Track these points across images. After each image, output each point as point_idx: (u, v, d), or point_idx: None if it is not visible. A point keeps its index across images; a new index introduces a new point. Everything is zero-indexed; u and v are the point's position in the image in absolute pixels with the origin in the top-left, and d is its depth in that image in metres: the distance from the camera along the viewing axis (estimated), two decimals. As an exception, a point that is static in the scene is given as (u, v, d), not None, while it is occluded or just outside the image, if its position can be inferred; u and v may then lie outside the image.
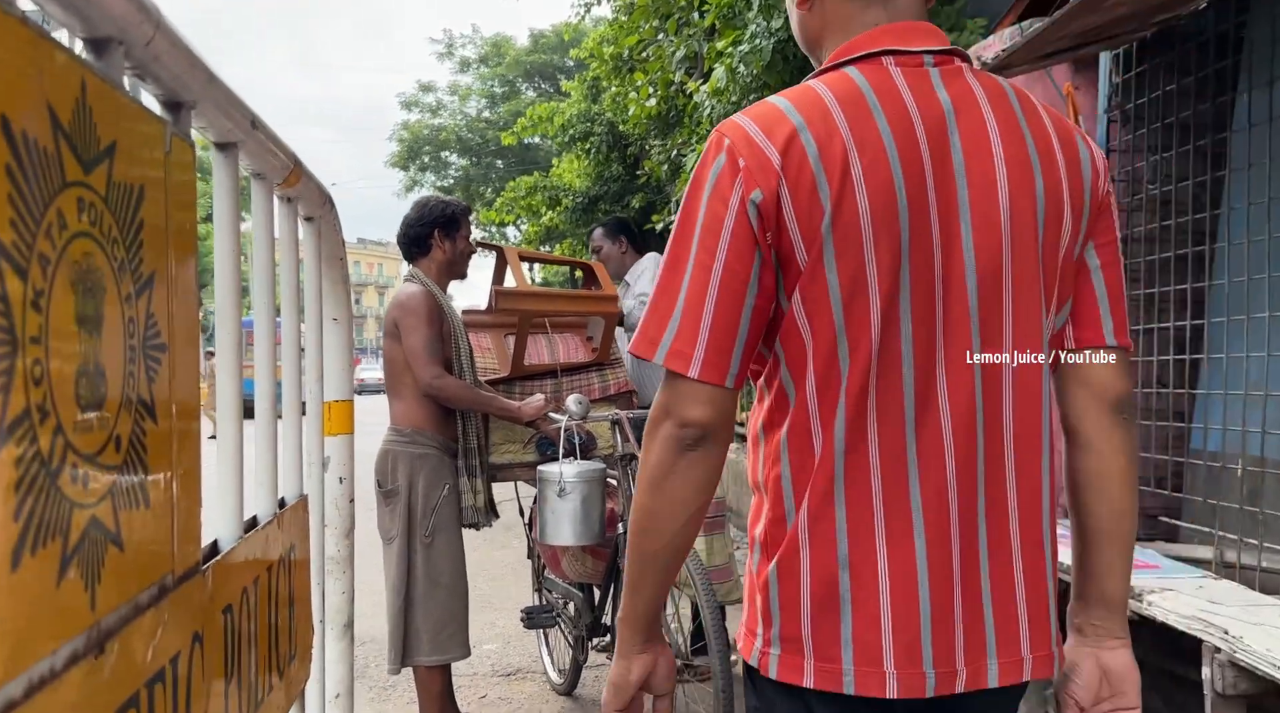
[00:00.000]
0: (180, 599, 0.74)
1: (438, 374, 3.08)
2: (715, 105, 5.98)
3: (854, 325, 1.07)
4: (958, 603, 1.09)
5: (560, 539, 3.07)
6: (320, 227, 1.41)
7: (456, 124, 34.35)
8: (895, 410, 1.09)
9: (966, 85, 1.14)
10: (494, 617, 5.13)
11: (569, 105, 18.48)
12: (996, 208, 1.11)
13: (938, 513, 1.09)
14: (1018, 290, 1.12)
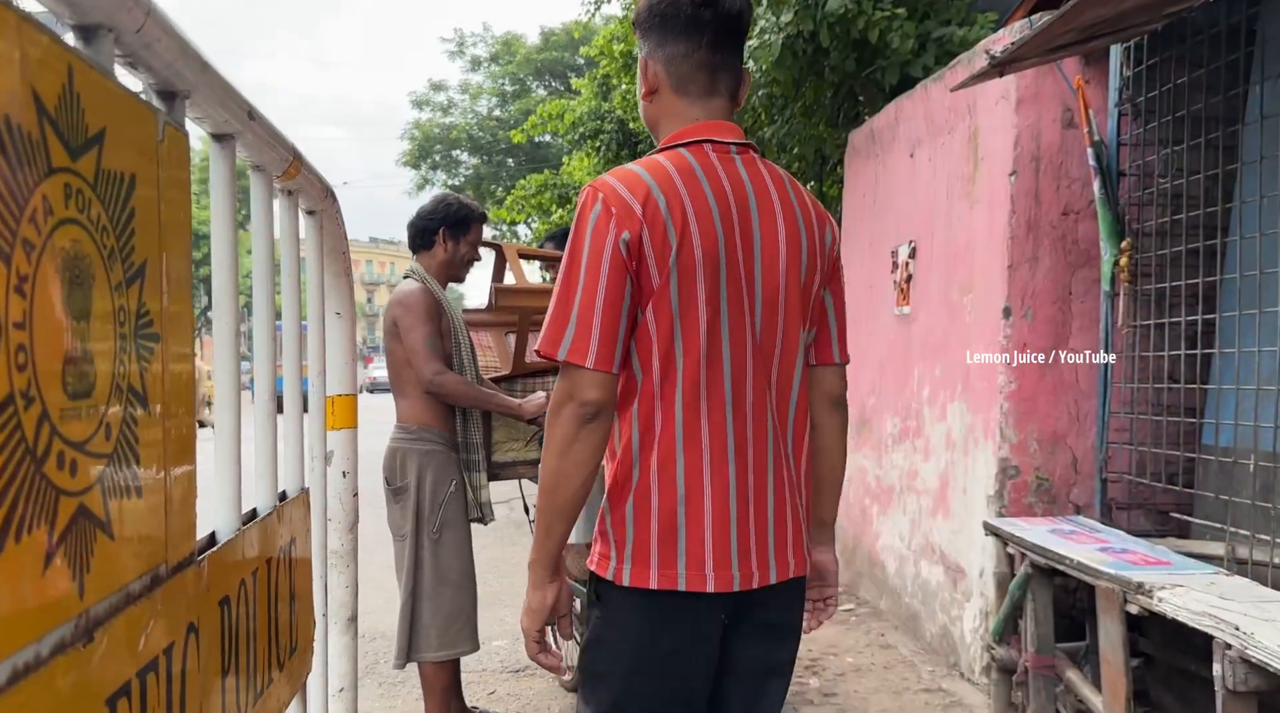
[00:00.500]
0: (174, 590, 0.74)
1: (438, 370, 3.07)
2: (724, 102, 5.97)
3: (687, 331, 1.51)
4: (753, 529, 1.57)
5: None
6: (322, 220, 1.41)
7: (467, 122, 34.37)
8: (719, 394, 1.54)
9: (759, 170, 1.63)
10: (504, 613, 5.13)
11: (579, 103, 18.45)
12: (777, 257, 1.59)
13: (742, 468, 1.56)
14: (788, 315, 1.62)
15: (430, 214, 3.24)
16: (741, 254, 1.55)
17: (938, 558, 4.24)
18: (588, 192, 1.50)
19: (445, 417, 3.18)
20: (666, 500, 1.52)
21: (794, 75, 5.59)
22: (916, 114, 4.60)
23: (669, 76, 1.63)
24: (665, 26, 1.62)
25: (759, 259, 1.58)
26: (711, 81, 1.63)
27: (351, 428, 1.59)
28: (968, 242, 4.07)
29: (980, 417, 3.89)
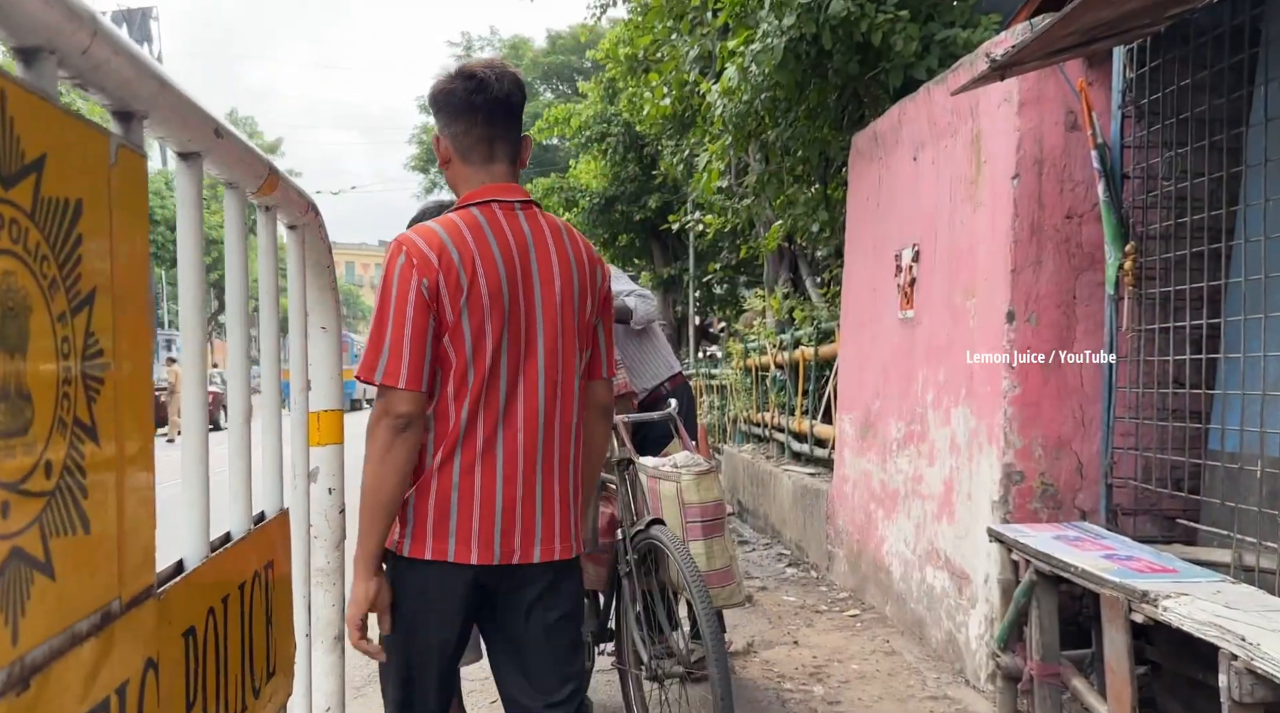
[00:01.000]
0: (130, 625, 0.72)
1: None
2: (727, 105, 5.93)
3: (477, 357, 1.87)
4: (519, 517, 1.93)
5: None
6: (304, 235, 1.39)
7: (475, 126, 34.40)
8: (494, 407, 1.90)
9: (539, 223, 2.01)
10: (507, 621, 5.11)
11: (585, 107, 18.47)
12: (554, 294, 1.98)
13: (512, 465, 1.92)
14: (565, 341, 2.00)
15: (416, 222, 3.23)
16: (523, 292, 1.93)
17: (943, 564, 4.21)
18: (393, 246, 1.83)
19: None
20: (443, 491, 1.86)
21: (796, 78, 5.56)
22: (919, 117, 4.57)
23: (455, 149, 2.01)
24: (447, 109, 2.00)
25: (538, 296, 1.98)
26: (490, 151, 2.01)
27: (337, 443, 1.57)
28: (971, 245, 4.04)
29: (984, 421, 3.86)
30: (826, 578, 5.72)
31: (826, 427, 6.40)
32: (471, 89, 1.97)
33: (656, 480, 3.10)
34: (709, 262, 16.64)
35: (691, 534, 2.99)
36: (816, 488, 6.03)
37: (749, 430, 9.13)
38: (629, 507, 3.12)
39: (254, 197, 1.14)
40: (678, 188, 15.85)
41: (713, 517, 3.01)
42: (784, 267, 9.23)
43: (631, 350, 4.30)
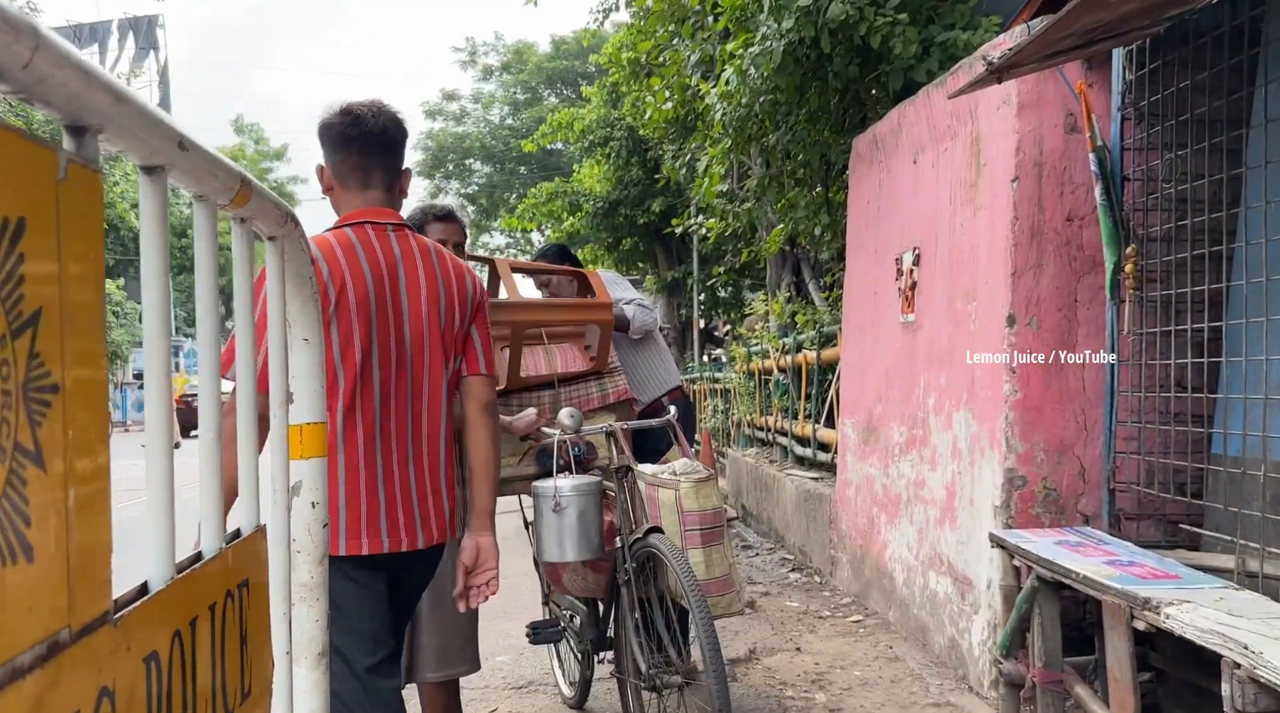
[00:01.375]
0: (81, 654, 0.70)
1: None
2: (726, 109, 5.91)
3: (346, 364, 2.11)
4: (399, 508, 2.20)
5: (559, 555, 3.02)
6: (284, 246, 1.37)
7: (480, 131, 34.59)
8: (370, 408, 2.15)
9: (409, 244, 2.28)
10: (509, 627, 5.09)
11: (589, 111, 18.48)
12: (420, 308, 2.24)
13: (388, 461, 2.18)
14: (431, 349, 2.26)
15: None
16: (390, 305, 2.16)
17: (945, 569, 4.18)
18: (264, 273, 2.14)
19: None
20: (331, 490, 2.02)
21: (796, 82, 5.54)
22: (919, 120, 4.55)
23: (335, 176, 2.29)
24: (328, 141, 2.27)
25: (406, 308, 2.23)
26: (365, 179, 2.28)
27: (320, 456, 1.54)
28: (971, 248, 4.01)
29: (986, 426, 3.83)
30: (830, 583, 5.69)
31: (829, 431, 6.37)
32: (348, 124, 2.26)
33: (655, 488, 3.08)
34: (713, 265, 16.63)
35: (690, 542, 2.97)
36: (819, 493, 6.00)
37: (752, 435, 9.11)
38: (628, 514, 3.10)
39: (226, 209, 1.12)
40: (681, 191, 15.83)
41: (711, 524, 2.99)
42: (787, 270, 9.21)
43: (631, 360, 4.28)
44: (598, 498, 3.08)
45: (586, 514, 3.01)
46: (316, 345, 1.54)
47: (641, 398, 4.34)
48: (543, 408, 3.66)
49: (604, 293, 3.82)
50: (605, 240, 19.23)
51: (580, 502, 2.99)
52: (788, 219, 6.35)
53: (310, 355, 1.53)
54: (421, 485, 2.26)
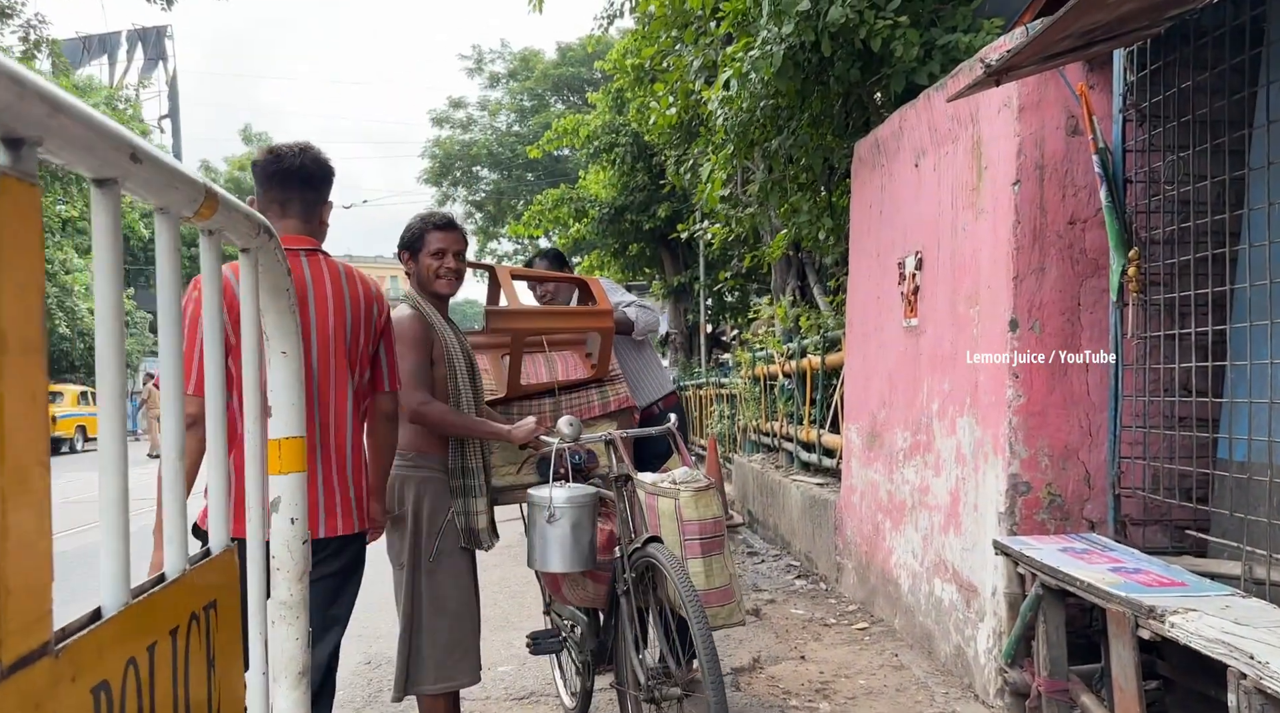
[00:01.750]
0: (15, 689, 0.67)
1: (422, 400, 3.02)
2: (727, 113, 5.89)
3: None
4: (321, 500, 2.56)
5: (550, 565, 2.99)
6: (256, 257, 1.34)
7: (487, 139, 34.65)
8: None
9: (320, 268, 2.59)
10: (511, 636, 5.06)
11: (594, 117, 18.48)
12: (327, 327, 2.57)
13: (314, 461, 2.54)
14: (337, 365, 2.60)
15: (399, 242, 3.22)
16: (303, 328, 2.26)
17: (950, 576, 4.13)
18: (193, 282, 2.25)
19: (443, 443, 3.13)
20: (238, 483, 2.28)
21: (797, 86, 5.51)
22: (920, 123, 4.51)
23: (260, 207, 2.56)
24: (256, 176, 2.62)
25: (314, 327, 2.54)
26: (282, 210, 2.61)
27: (300, 471, 1.52)
28: (974, 252, 3.97)
29: (990, 431, 3.79)
30: (835, 590, 5.65)
31: (835, 436, 6.33)
32: (269, 161, 2.60)
33: (655, 497, 3.04)
34: (719, 270, 16.60)
35: (690, 552, 2.93)
36: (825, 499, 5.96)
37: (759, 440, 9.06)
38: (627, 524, 3.07)
39: (191, 221, 1.09)
40: (686, 196, 15.81)
41: (712, 534, 2.95)
42: (791, 274, 9.17)
43: (632, 364, 4.26)
44: (592, 510, 3.04)
45: (580, 526, 2.98)
46: (295, 358, 1.52)
47: (645, 399, 4.31)
48: (543, 416, 3.63)
49: (604, 299, 3.79)
50: (611, 246, 19.21)
51: (574, 513, 2.96)
52: (791, 224, 6.31)
53: (289, 368, 1.51)
54: (328, 482, 2.58)
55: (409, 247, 3.20)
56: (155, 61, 40.83)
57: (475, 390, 3.23)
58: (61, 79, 25.70)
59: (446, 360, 3.12)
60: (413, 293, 3.18)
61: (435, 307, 3.19)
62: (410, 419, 3.03)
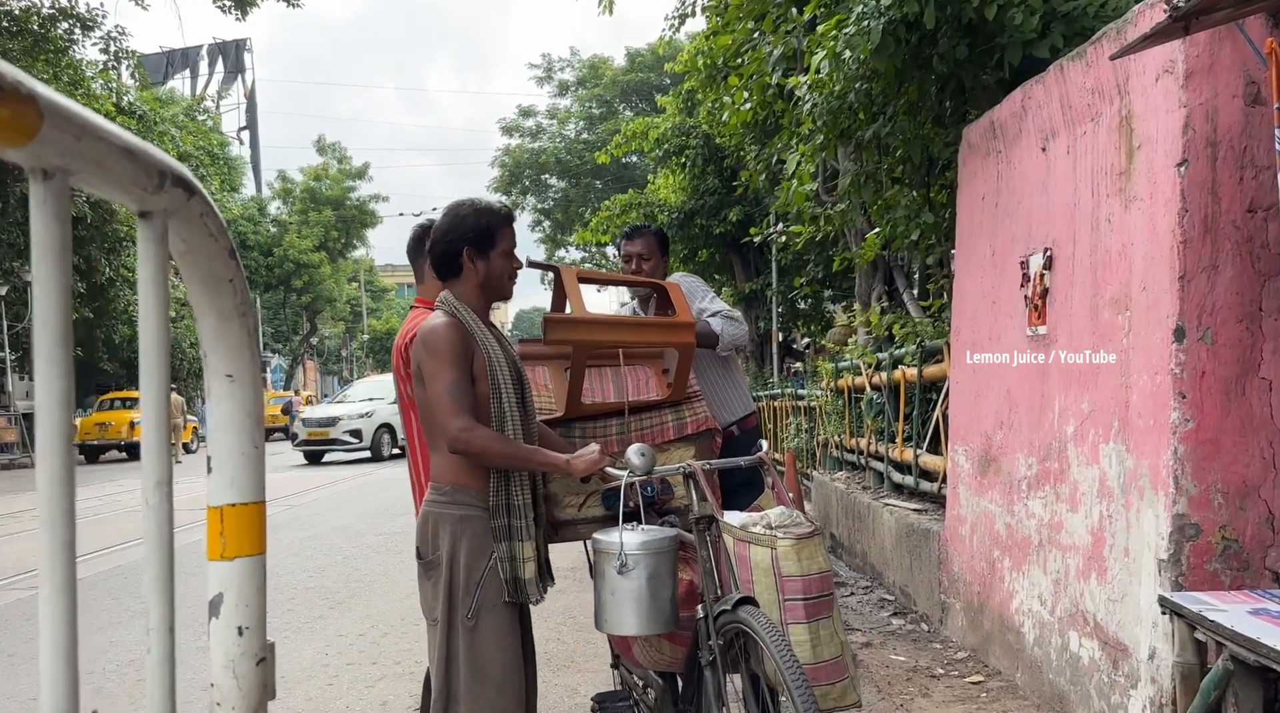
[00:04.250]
0: None
1: (465, 426, 2.51)
2: (817, 100, 5.31)
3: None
4: None
5: (623, 628, 2.46)
6: (164, 226, 0.84)
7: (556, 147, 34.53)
8: None
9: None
10: (575, 680, 4.54)
11: (664, 119, 18.00)
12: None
13: None
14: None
15: (449, 236, 2.67)
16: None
17: (1091, 630, 3.50)
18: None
19: (485, 473, 2.61)
20: None
21: (896, 66, 4.92)
22: (1050, 100, 3.90)
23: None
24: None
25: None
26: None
27: (255, 555, 1.01)
28: (1122, 248, 3.35)
29: (1146, 462, 3.16)
30: (940, 633, 5.02)
31: (934, 458, 5.70)
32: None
33: (746, 545, 2.49)
34: (793, 276, 15.97)
35: (792, 615, 2.38)
36: (925, 527, 5.33)
37: (841, 457, 8.44)
38: (712, 576, 2.53)
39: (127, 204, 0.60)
40: (759, 200, 15.23)
41: (818, 593, 2.39)
42: (878, 279, 8.54)
43: (714, 378, 3.72)
44: (672, 558, 2.51)
45: (658, 577, 2.45)
46: (249, 383, 1.01)
47: (727, 419, 3.77)
48: (608, 441, 3.11)
49: (685, 309, 3.24)
50: (681, 252, 18.68)
51: (651, 562, 2.43)
52: (885, 221, 5.71)
53: (237, 399, 1.00)
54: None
55: (478, 243, 2.67)
56: (235, 74, 41.55)
57: (525, 411, 2.70)
58: (142, 92, 26.10)
59: (490, 376, 2.60)
60: (450, 298, 2.67)
61: (478, 313, 2.68)
62: (450, 448, 2.53)
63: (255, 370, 1.01)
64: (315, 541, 9.18)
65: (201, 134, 29.75)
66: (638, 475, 2.54)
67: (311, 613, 6.17)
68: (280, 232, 39.97)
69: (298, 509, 11.80)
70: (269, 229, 40.09)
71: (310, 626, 5.83)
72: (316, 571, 7.63)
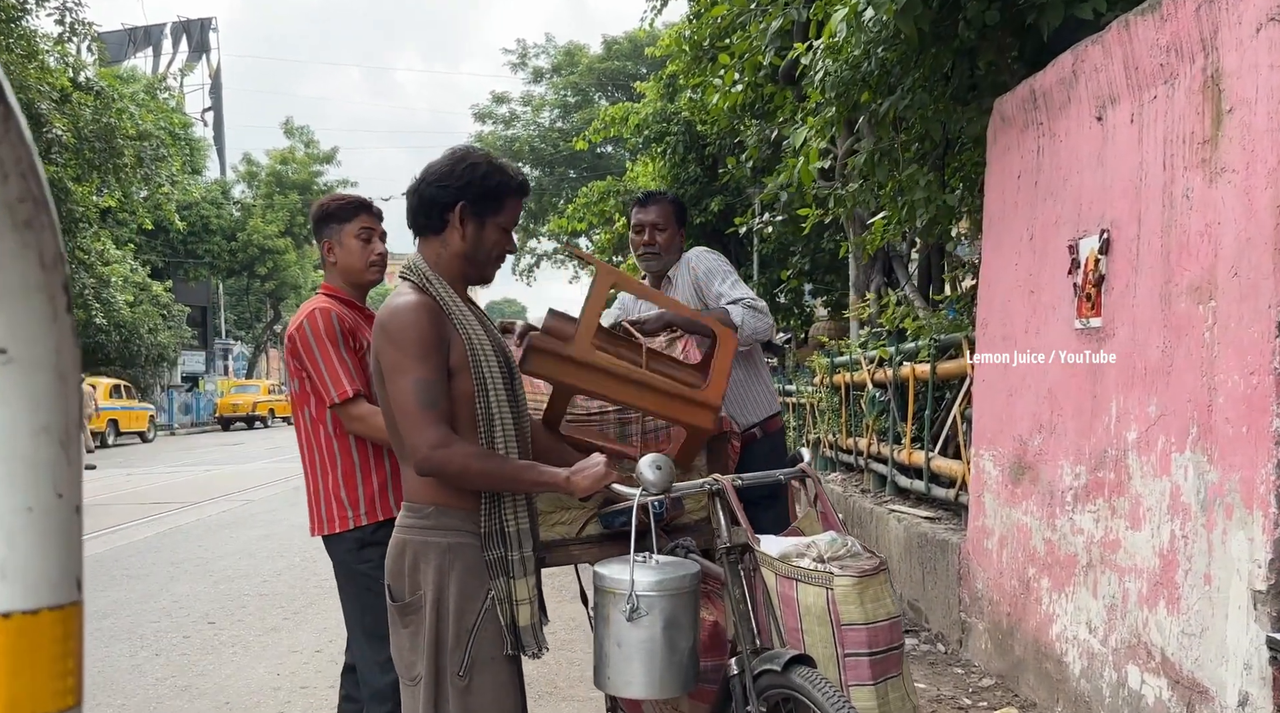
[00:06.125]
0: None
1: (437, 441, 1.97)
2: (830, 67, 4.83)
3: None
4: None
5: (630, 689, 1.97)
6: None
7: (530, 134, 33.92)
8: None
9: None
10: (562, 710, 4.04)
11: (644, 106, 17.48)
12: None
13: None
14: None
15: (444, 181, 2.10)
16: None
17: (1158, 666, 3.06)
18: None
19: (477, 491, 2.09)
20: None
21: (923, 29, 4.44)
22: (1109, 62, 3.43)
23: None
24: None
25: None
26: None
27: (72, 707, 0.51)
28: (1205, 227, 2.90)
29: (1237, 475, 2.71)
30: (960, 656, 4.57)
31: (948, 461, 5.25)
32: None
33: (792, 583, 1.99)
34: (775, 268, 15.54)
35: (854, 675, 1.89)
36: (941, 538, 4.88)
37: (836, 457, 7.99)
38: (749, 622, 2.04)
39: None
40: (741, 190, 14.79)
41: (887, 646, 1.91)
42: (877, 271, 8.09)
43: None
44: (694, 599, 2.02)
45: (677, 625, 1.95)
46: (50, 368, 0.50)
47: (748, 420, 3.29)
48: (607, 443, 2.61)
49: (721, 380, 2.50)
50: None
51: (668, 606, 1.94)
52: (899, 204, 5.24)
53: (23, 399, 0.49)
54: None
55: (479, 202, 2.12)
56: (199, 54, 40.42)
57: (516, 409, 2.18)
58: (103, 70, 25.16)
59: (473, 369, 2.06)
60: (421, 265, 2.13)
61: (455, 288, 2.15)
62: (419, 470, 2.01)
63: (48, 351, 0.50)
64: (271, 540, 8.61)
65: (163, 113, 28.78)
66: (653, 495, 2.04)
67: (264, 624, 5.62)
68: (244, 216, 38.97)
69: (253, 505, 11.19)
70: (232, 213, 39.07)
71: (262, 640, 5.28)
72: (272, 575, 7.07)
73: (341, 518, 2.76)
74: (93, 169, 22.06)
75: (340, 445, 2.79)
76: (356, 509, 2.75)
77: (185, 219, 32.18)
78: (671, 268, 3.46)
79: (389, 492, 2.79)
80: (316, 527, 2.84)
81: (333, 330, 2.75)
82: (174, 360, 34.12)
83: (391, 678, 2.36)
